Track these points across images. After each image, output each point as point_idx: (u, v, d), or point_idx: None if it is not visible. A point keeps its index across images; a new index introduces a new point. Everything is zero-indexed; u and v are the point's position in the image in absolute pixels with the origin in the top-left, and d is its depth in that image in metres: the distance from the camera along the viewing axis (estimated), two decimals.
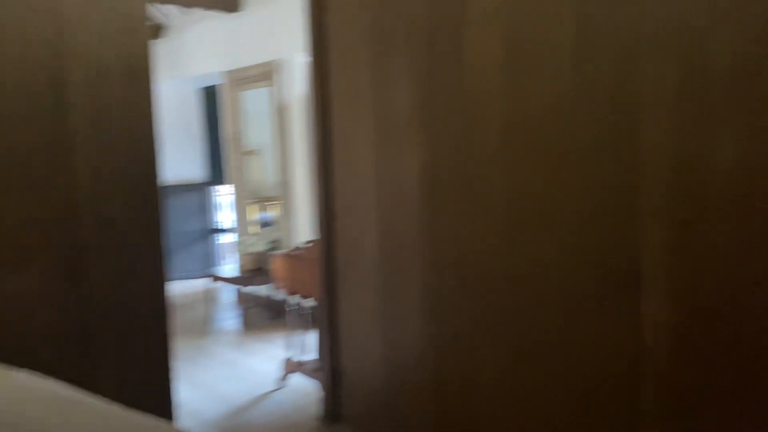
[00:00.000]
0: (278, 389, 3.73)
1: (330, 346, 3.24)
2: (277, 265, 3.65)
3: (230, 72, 5.72)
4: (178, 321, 5.34)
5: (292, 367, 3.66)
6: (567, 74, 2.09)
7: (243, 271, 5.40)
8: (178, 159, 7.29)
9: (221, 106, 6.04)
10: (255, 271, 5.35)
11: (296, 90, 5.10)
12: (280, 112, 5.23)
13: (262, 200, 5.71)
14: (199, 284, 6.75)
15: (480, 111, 2.39)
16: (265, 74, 5.34)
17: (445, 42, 2.48)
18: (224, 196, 7.43)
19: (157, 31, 6.40)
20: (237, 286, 5.40)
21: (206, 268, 7.29)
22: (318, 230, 3.22)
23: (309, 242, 3.51)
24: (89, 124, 2.39)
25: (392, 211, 2.82)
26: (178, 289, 6.72)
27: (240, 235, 5.77)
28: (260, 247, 5.32)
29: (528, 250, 2.27)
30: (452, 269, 2.55)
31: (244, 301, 5.29)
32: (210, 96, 7.24)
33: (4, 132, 2.18)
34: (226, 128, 5.91)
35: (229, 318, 5.49)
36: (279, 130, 5.27)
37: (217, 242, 7.43)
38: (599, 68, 2.02)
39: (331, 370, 3.25)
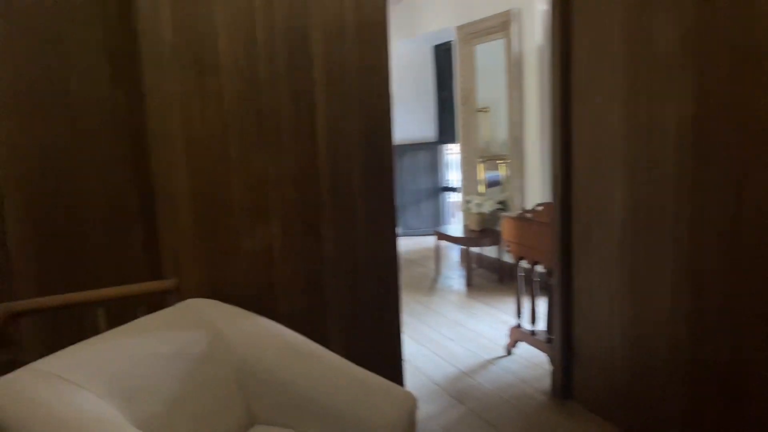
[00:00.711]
0: (505, 356, 3.60)
1: (563, 317, 3.00)
2: (506, 228, 3.47)
3: (463, 26, 5.57)
4: (406, 276, 5.50)
5: (519, 335, 3.49)
6: None
7: (468, 231, 5.33)
8: (410, 118, 7.43)
9: (454, 62, 5.94)
10: (480, 231, 5.24)
11: (533, 41, 4.78)
12: (514, 66, 4.96)
13: (491, 159, 5.53)
14: (427, 241, 6.91)
15: None
16: (499, 26, 5.09)
17: None
18: (455, 154, 7.41)
19: None
20: (462, 246, 5.36)
21: (435, 225, 7.41)
22: (553, 191, 2.96)
23: (540, 205, 3.26)
24: (328, 83, 2.43)
25: (644, 172, 2.44)
26: (407, 245, 6.94)
27: (466, 195, 5.69)
28: (487, 207, 5.18)
29: None
30: (722, 239, 2.13)
31: (469, 261, 5.23)
32: (442, 53, 7.20)
33: (258, 94, 2.30)
34: (458, 85, 5.81)
35: (454, 277, 5.49)
36: (512, 85, 5.01)
37: (446, 200, 7.50)
38: None
39: (563, 343, 3.01)
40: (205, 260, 2.29)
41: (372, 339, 2.67)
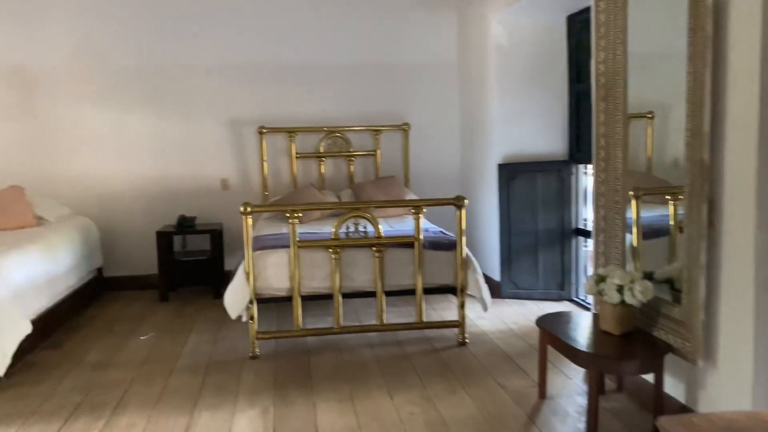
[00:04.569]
0: None
1: None
2: None
3: None
4: (477, 399, 3.08)
5: None
6: None
7: (599, 333, 2.90)
8: (528, 124, 5.05)
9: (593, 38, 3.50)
10: (624, 338, 2.80)
11: None
12: (706, 26, 2.47)
13: (656, 192, 3.09)
14: (546, 310, 4.45)
15: None
16: None
17: None
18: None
19: None
20: (585, 367, 2.90)
21: (559, 286, 4.97)
22: None
23: None
24: None
25: None
26: (509, 316, 4.57)
27: (599, 262, 3.24)
28: (637, 294, 2.72)
29: None
30: None
31: (596, 392, 2.78)
32: (581, 27, 4.77)
33: None
34: (596, 72, 3.38)
35: (569, 409, 3.06)
36: (699, 64, 2.51)
37: (581, 249, 5.01)
38: None
39: None
40: None
41: None
